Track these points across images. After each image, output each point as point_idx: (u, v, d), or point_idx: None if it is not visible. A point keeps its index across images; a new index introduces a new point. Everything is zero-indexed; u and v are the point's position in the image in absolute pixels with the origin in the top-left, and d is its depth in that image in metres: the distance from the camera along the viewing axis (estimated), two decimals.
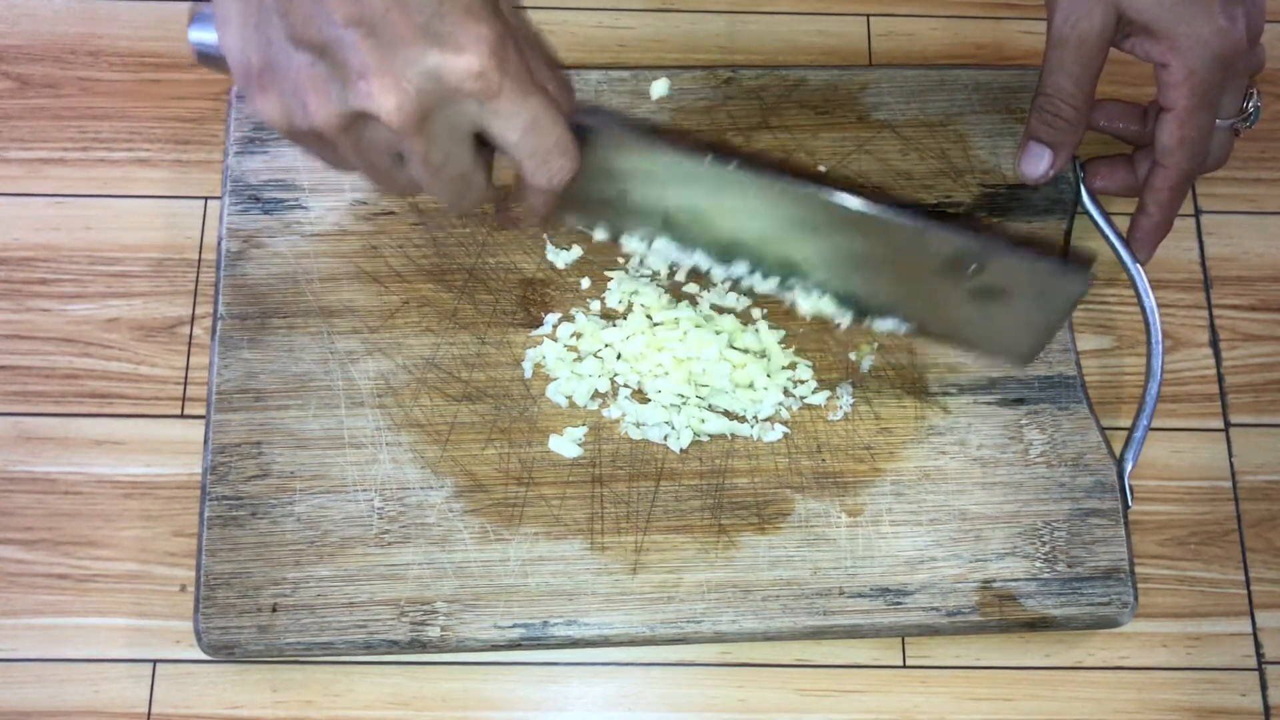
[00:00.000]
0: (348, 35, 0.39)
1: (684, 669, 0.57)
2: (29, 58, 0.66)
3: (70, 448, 0.59)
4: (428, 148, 0.42)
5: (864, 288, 0.53)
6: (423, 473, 0.56)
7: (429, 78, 0.40)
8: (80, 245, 0.62)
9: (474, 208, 0.46)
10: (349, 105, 0.40)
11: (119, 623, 0.56)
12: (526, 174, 0.44)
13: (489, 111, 0.41)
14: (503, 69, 0.40)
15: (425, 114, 0.40)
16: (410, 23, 0.39)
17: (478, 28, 0.40)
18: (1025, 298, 0.48)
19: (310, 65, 0.40)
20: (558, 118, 0.43)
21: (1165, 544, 0.60)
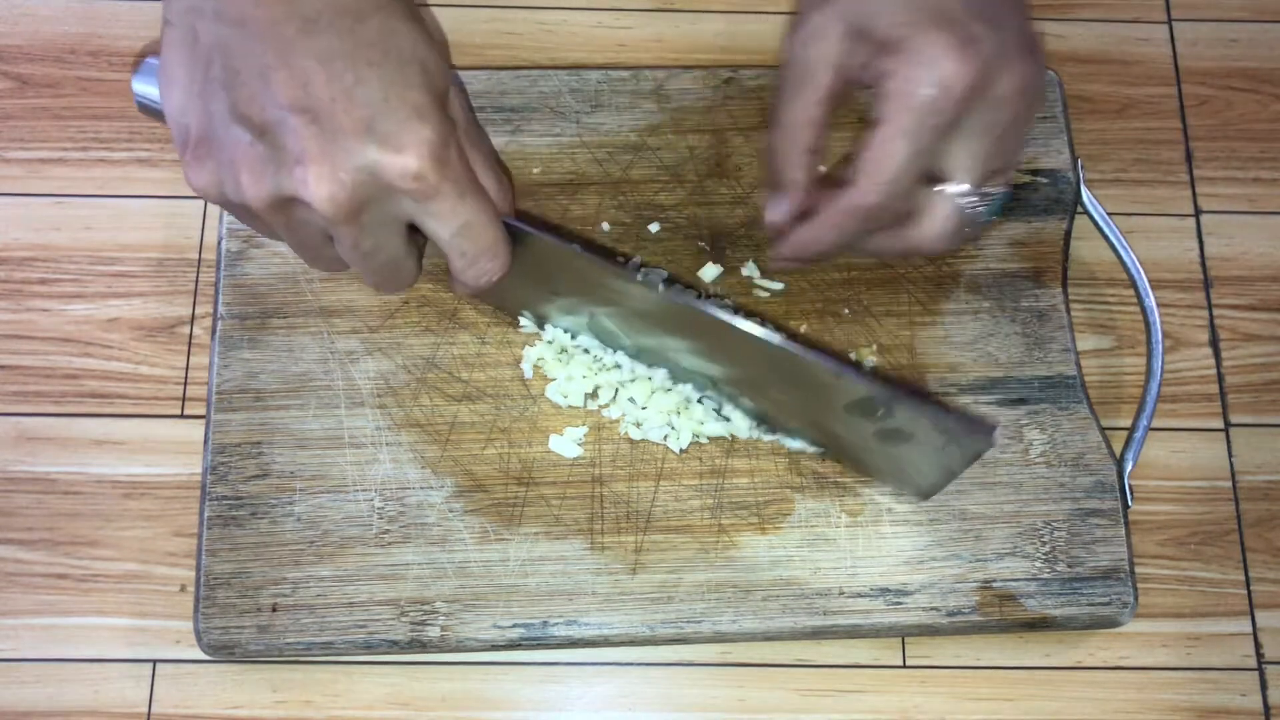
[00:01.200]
0: (291, 120, 0.39)
1: (684, 669, 0.57)
2: (29, 58, 0.66)
3: (70, 448, 0.59)
4: (358, 236, 0.42)
5: (775, 411, 0.54)
6: (423, 473, 0.56)
7: (366, 172, 0.40)
8: (80, 245, 0.62)
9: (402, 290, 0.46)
10: (282, 189, 0.40)
11: (119, 623, 0.56)
12: (455, 270, 0.44)
13: (423, 211, 0.41)
14: (441, 171, 0.40)
15: (359, 206, 0.40)
16: (354, 116, 0.39)
17: (421, 129, 0.40)
18: (928, 446, 0.48)
19: (249, 143, 0.40)
20: (491, 221, 0.43)
21: (1165, 544, 0.60)
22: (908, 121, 0.44)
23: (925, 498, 0.55)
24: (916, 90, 0.44)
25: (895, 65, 0.44)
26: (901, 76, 0.44)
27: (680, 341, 0.53)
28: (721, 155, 0.62)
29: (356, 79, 0.39)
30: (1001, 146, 0.47)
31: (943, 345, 0.59)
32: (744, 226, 0.61)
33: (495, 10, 0.68)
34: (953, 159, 0.47)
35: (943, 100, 0.44)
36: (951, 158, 0.47)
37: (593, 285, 0.51)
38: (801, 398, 0.51)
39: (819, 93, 0.47)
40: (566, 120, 0.62)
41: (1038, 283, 0.61)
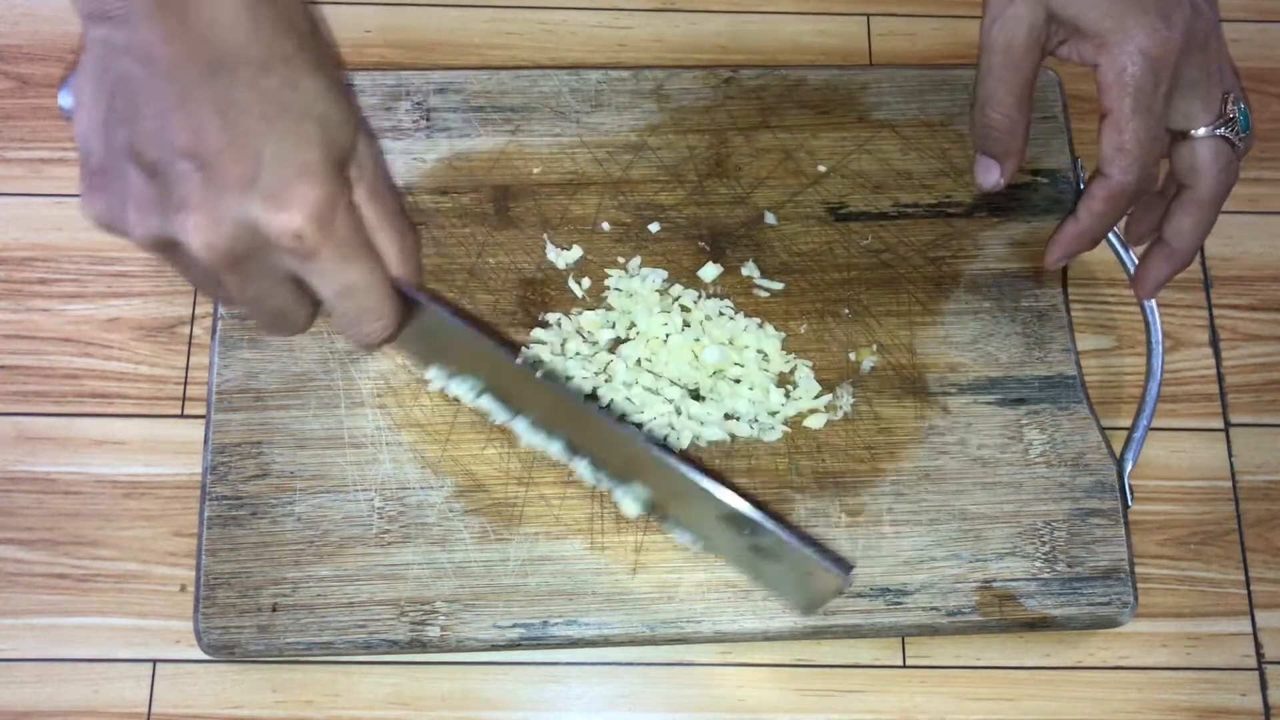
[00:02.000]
0: (181, 164, 0.39)
1: (684, 669, 0.57)
2: (29, 58, 0.66)
3: (70, 448, 0.59)
4: (242, 284, 0.41)
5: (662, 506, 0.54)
6: (423, 473, 0.56)
7: (245, 227, 0.39)
8: (80, 245, 0.62)
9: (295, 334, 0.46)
10: (165, 231, 0.40)
11: (119, 623, 0.56)
12: (339, 328, 0.44)
13: (304, 269, 0.41)
14: (323, 233, 0.40)
15: (236, 258, 0.40)
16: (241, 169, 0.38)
17: (306, 188, 0.39)
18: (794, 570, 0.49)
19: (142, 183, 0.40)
20: (377, 285, 0.42)
21: (1165, 544, 0.60)
22: (1132, 103, 0.48)
23: (806, 613, 0.54)
24: (1130, 72, 0.48)
25: (1103, 57, 0.48)
26: (1114, 66, 0.48)
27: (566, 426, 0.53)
28: (721, 155, 0.62)
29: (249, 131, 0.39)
30: (1220, 73, 0.51)
31: (943, 345, 0.59)
32: (744, 226, 0.61)
33: (495, 10, 0.68)
34: (1189, 107, 0.50)
35: (1157, 73, 0.48)
36: (1187, 107, 0.50)
37: (481, 364, 0.52)
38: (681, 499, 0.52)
39: (1027, 73, 0.50)
40: (566, 120, 0.62)
41: (1038, 283, 0.61)
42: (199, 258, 0.40)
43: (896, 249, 0.61)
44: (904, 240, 0.61)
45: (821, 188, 0.62)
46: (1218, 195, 0.52)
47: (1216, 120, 0.51)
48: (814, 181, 0.62)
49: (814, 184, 0.62)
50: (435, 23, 0.68)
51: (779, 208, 0.61)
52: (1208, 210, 0.52)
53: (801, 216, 0.61)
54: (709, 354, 0.57)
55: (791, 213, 0.61)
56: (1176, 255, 0.54)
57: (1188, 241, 0.53)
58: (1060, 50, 0.50)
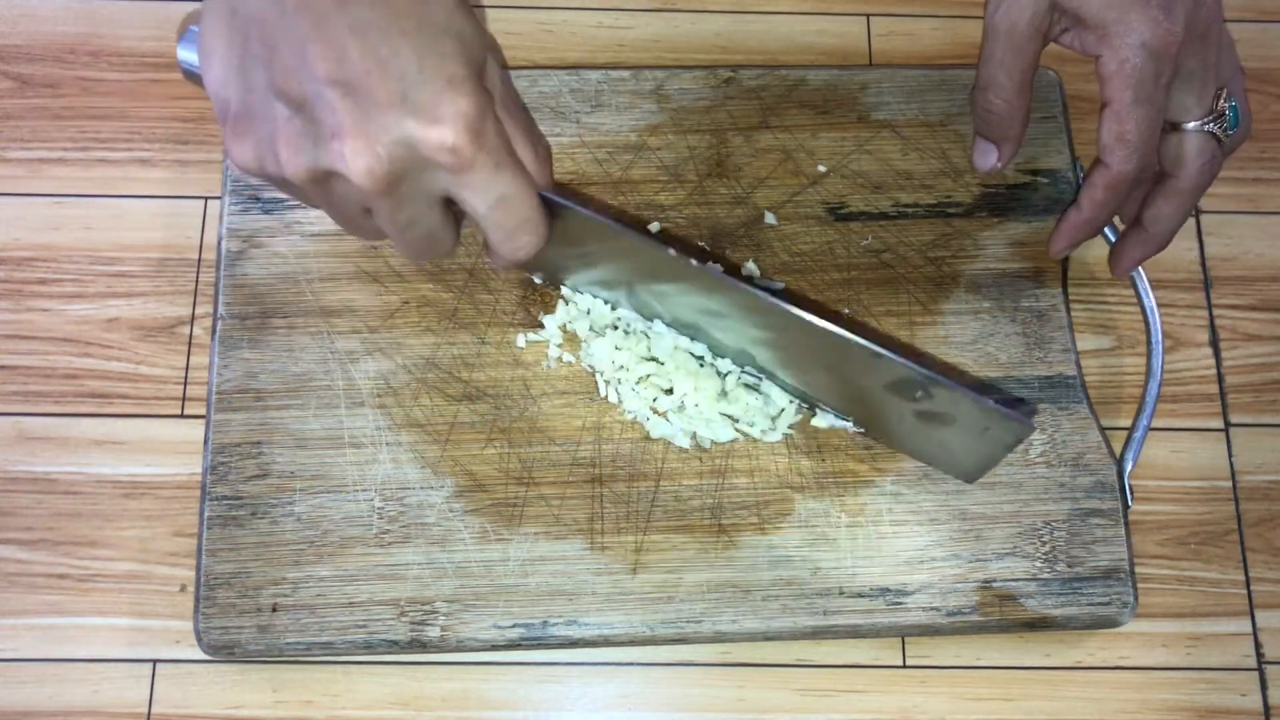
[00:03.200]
0: (327, 93, 0.39)
1: (684, 669, 0.57)
2: (29, 58, 0.66)
3: (70, 448, 0.59)
4: (396, 208, 0.42)
5: (816, 390, 0.54)
6: (423, 473, 0.56)
7: (402, 145, 0.39)
8: (80, 245, 0.62)
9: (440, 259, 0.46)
10: (320, 162, 0.40)
11: (119, 623, 0.56)
12: (492, 243, 0.44)
13: (459, 183, 0.41)
14: (477, 144, 0.40)
15: (395, 179, 0.40)
16: (389, 88, 0.39)
17: (456, 100, 0.39)
18: (969, 429, 0.50)
19: (287, 118, 0.40)
20: (528, 195, 0.43)
21: (1165, 544, 0.60)
22: (1133, 94, 0.49)
23: (969, 480, 0.55)
24: (1132, 63, 0.48)
25: (1105, 48, 0.49)
26: (1115, 57, 0.49)
27: (716, 319, 0.53)
28: (721, 155, 0.62)
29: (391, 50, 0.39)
30: (1218, 66, 0.51)
31: (943, 345, 0.59)
32: (744, 226, 0.61)
33: (495, 10, 0.68)
34: (1183, 99, 0.51)
35: (1158, 64, 0.48)
36: (1181, 99, 0.51)
37: (628, 260, 0.51)
38: (840, 376, 0.51)
39: (1029, 58, 0.51)
40: (566, 120, 0.62)
41: (1038, 283, 0.61)
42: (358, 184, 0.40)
43: (896, 249, 0.61)
44: (904, 240, 0.61)
45: (821, 188, 0.62)
46: (1198, 187, 0.53)
47: (1207, 116, 0.51)
48: (814, 181, 0.62)
49: (814, 184, 0.62)
50: None
51: (779, 208, 0.61)
52: (1187, 200, 0.53)
53: (801, 216, 0.61)
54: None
55: (791, 213, 0.61)
56: (1153, 240, 0.55)
57: (1165, 227, 0.54)
58: (1062, 39, 0.51)
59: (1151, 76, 0.48)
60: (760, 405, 0.57)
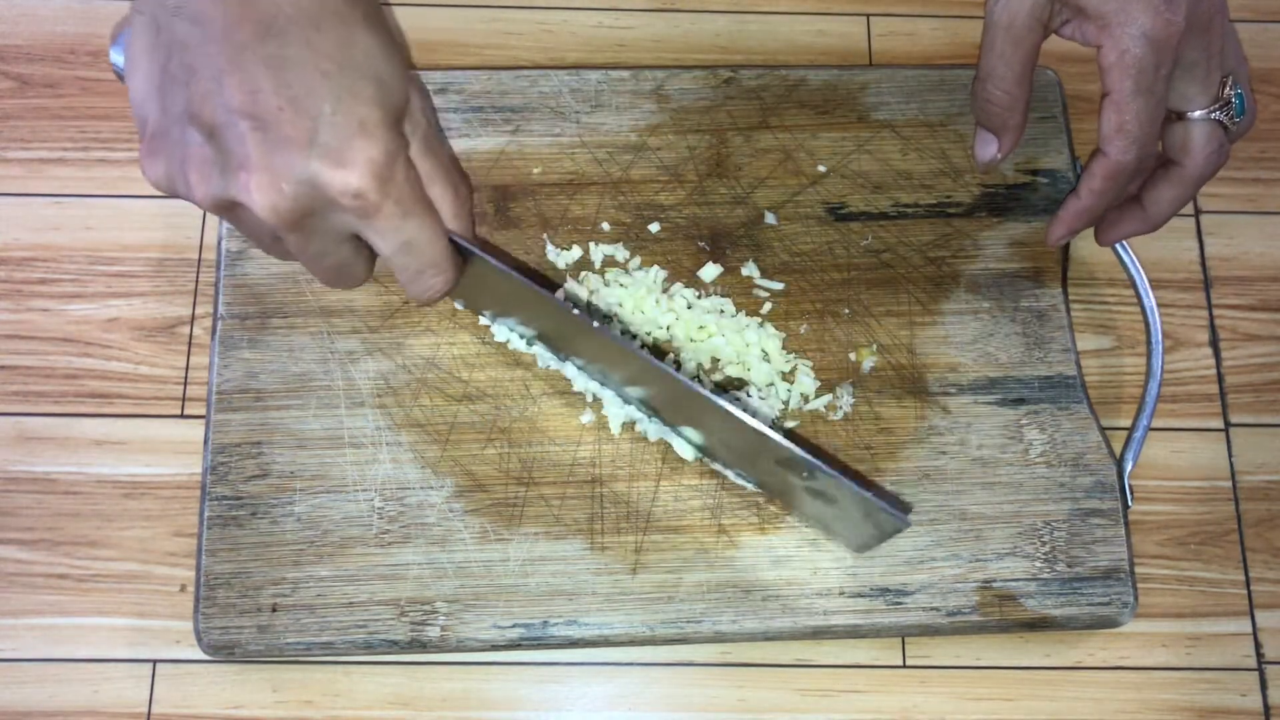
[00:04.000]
0: (239, 124, 0.39)
1: (684, 669, 0.57)
2: (29, 58, 0.66)
3: (70, 448, 0.59)
4: (304, 242, 0.42)
5: (718, 451, 0.55)
6: (423, 473, 0.56)
7: (307, 185, 0.39)
8: (80, 245, 0.62)
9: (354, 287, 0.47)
10: (227, 192, 0.40)
11: (119, 623, 0.56)
12: (401, 282, 0.44)
13: (365, 226, 0.41)
14: (384, 190, 0.40)
15: (300, 216, 0.40)
16: (300, 127, 0.39)
17: (366, 146, 0.39)
18: (851, 512, 0.51)
19: (199, 144, 0.40)
20: (435, 240, 0.43)
21: (1165, 544, 0.60)
22: (1133, 85, 0.49)
23: (859, 553, 0.55)
24: (1133, 54, 0.48)
25: (1106, 38, 0.49)
26: (1116, 48, 0.49)
27: (619, 374, 0.54)
28: (721, 155, 0.62)
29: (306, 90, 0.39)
30: (1221, 55, 0.51)
31: (943, 345, 0.59)
32: (744, 226, 0.61)
33: (495, 10, 0.68)
34: (1187, 89, 0.51)
35: (1159, 55, 0.48)
36: (1185, 89, 0.51)
37: (532, 310, 0.53)
38: (738, 444, 0.52)
39: (1029, 49, 0.51)
40: (566, 120, 0.62)
41: (1038, 283, 0.61)
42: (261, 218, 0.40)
43: (896, 249, 0.61)
44: (904, 240, 0.61)
45: (821, 188, 0.62)
46: (1204, 175, 0.53)
47: (1213, 104, 0.51)
48: (814, 181, 0.62)
49: (814, 184, 0.62)
50: (435, 23, 0.68)
51: (779, 208, 0.61)
52: (1190, 187, 0.53)
53: (801, 216, 0.61)
54: (716, 342, 0.57)
55: (791, 213, 0.61)
56: (1148, 220, 0.55)
57: (1163, 210, 0.54)
58: (1063, 30, 0.51)
59: (1152, 67, 0.48)
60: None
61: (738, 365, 0.58)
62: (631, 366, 0.52)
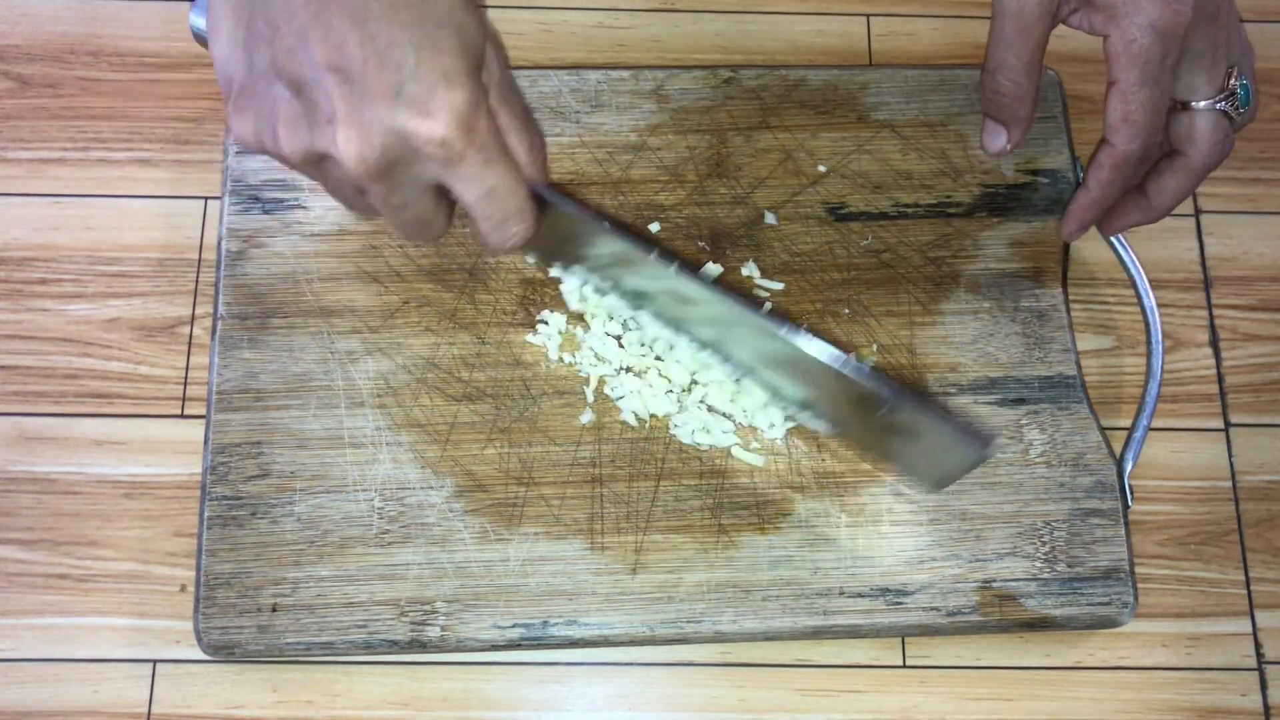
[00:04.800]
0: (325, 79, 0.39)
1: (684, 669, 0.57)
2: (29, 58, 0.66)
3: (70, 448, 0.59)
4: (388, 192, 0.42)
5: (790, 391, 0.55)
6: (423, 473, 0.56)
7: (393, 135, 0.40)
8: (80, 245, 0.62)
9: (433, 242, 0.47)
10: (315, 145, 0.41)
11: (119, 623, 0.56)
12: (481, 233, 0.45)
13: (449, 175, 0.42)
14: (468, 138, 0.41)
15: (386, 166, 0.41)
16: (384, 79, 0.39)
17: (449, 94, 0.40)
18: (932, 446, 0.50)
19: (287, 99, 0.41)
20: (517, 187, 0.43)
21: (1165, 544, 0.60)
22: (1139, 74, 0.49)
23: (936, 490, 0.55)
24: (1140, 43, 0.49)
25: (1113, 28, 0.49)
26: (1123, 38, 0.49)
27: (698, 321, 0.54)
28: (721, 155, 0.62)
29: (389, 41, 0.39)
30: (1227, 45, 0.51)
31: (943, 345, 0.59)
32: (744, 226, 0.61)
33: (495, 10, 0.68)
34: (1193, 79, 0.51)
35: (1165, 45, 0.49)
36: (1191, 79, 0.51)
37: (615, 258, 0.52)
38: (814, 383, 0.52)
39: (1038, 39, 0.51)
40: (566, 120, 0.62)
41: (1038, 283, 0.61)
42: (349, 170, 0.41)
43: (896, 249, 0.61)
44: (904, 240, 0.61)
45: (821, 188, 0.62)
46: (1209, 165, 0.53)
47: (1218, 94, 0.51)
48: (814, 181, 0.62)
49: (814, 184, 0.62)
50: None
51: (779, 208, 0.61)
52: (1195, 178, 0.54)
53: (801, 216, 0.61)
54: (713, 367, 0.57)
55: (791, 213, 0.61)
56: (1152, 210, 0.55)
57: (1167, 200, 0.55)
58: (1071, 20, 0.51)
59: (1158, 57, 0.49)
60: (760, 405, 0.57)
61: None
62: (709, 309, 0.51)
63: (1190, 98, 0.51)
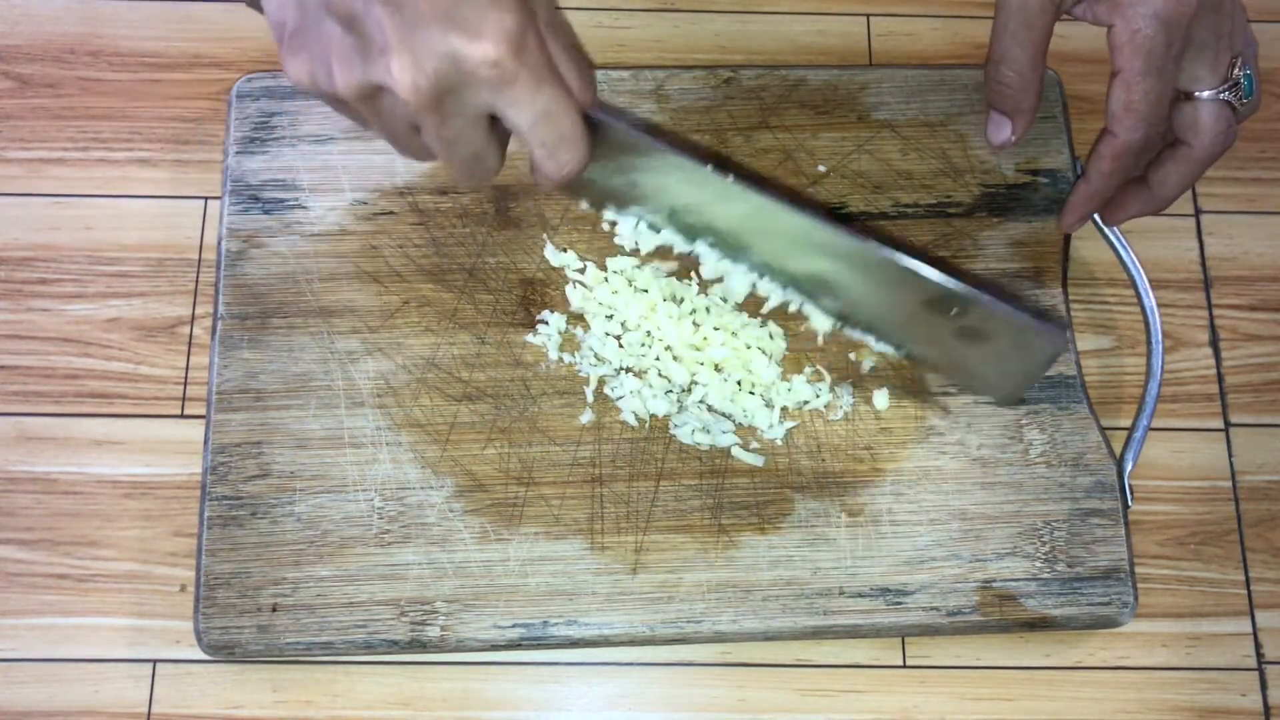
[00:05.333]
0: (376, 10, 0.40)
1: (684, 669, 0.57)
2: (29, 58, 0.66)
3: (70, 448, 0.59)
4: (442, 124, 0.43)
5: (856, 309, 0.54)
6: (423, 473, 0.56)
7: (446, 60, 0.40)
8: (80, 245, 0.62)
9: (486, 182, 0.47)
10: (369, 78, 0.41)
11: (119, 623, 0.57)
12: (536, 160, 0.45)
13: (502, 99, 0.42)
14: (519, 59, 0.41)
15: (440, 94, 0.41)
16: (434, 5, 0.40)
17: (499, 15, 0.40)
18: (1005, 345, 0.50)
19: (339, 35, 0.41)
20: (570, 110, 0.43)
21: (1165, 544, 0.60)
22: (1143, 64, 0.49)
23: (1010, 403, 0.54)
24: (1144, 33, 0.48)
25: (1117, 18, 0.49)
26: (1127, 27, 0.49)
27: (759, 238, 0.53)
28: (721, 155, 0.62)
29: None
30: (1231, 35, 0.51)
31: None
32: None
33: None
34: (1196, 69, 0.51)
35: (1169, 35, 0.48)
36: (1195, 69, 0.51)
37: (670, 177, 0.52)
38: (879, 294, 0.52)
39: (1042, 30, 0.51)
40: None
41: (1038, 283, 0.61)
42: (404, 98, 0.41)
43: None
44: (904, 240, 0.61)
45: (821, 188, 0.62)
46: (1212, 156, 0.53)
47: (1222, 84, 0.51)
48: (814, 181, 0.62)
49: (814, 184, 0.62)
50: None
51: None
52: (1198, 168, 0.53)
53: None
54: (714, 352, 0.57)
55: None
56: (1155, 201, 0.55)
57: (1169, 191, 0.55)
58: (1075, 10, 0.51)
59: (1162, 47, 0.49)
60: (759, 405, 0.57)
61: (739, 367, 0.58)
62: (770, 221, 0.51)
63: (1194, 88, 0.51)
